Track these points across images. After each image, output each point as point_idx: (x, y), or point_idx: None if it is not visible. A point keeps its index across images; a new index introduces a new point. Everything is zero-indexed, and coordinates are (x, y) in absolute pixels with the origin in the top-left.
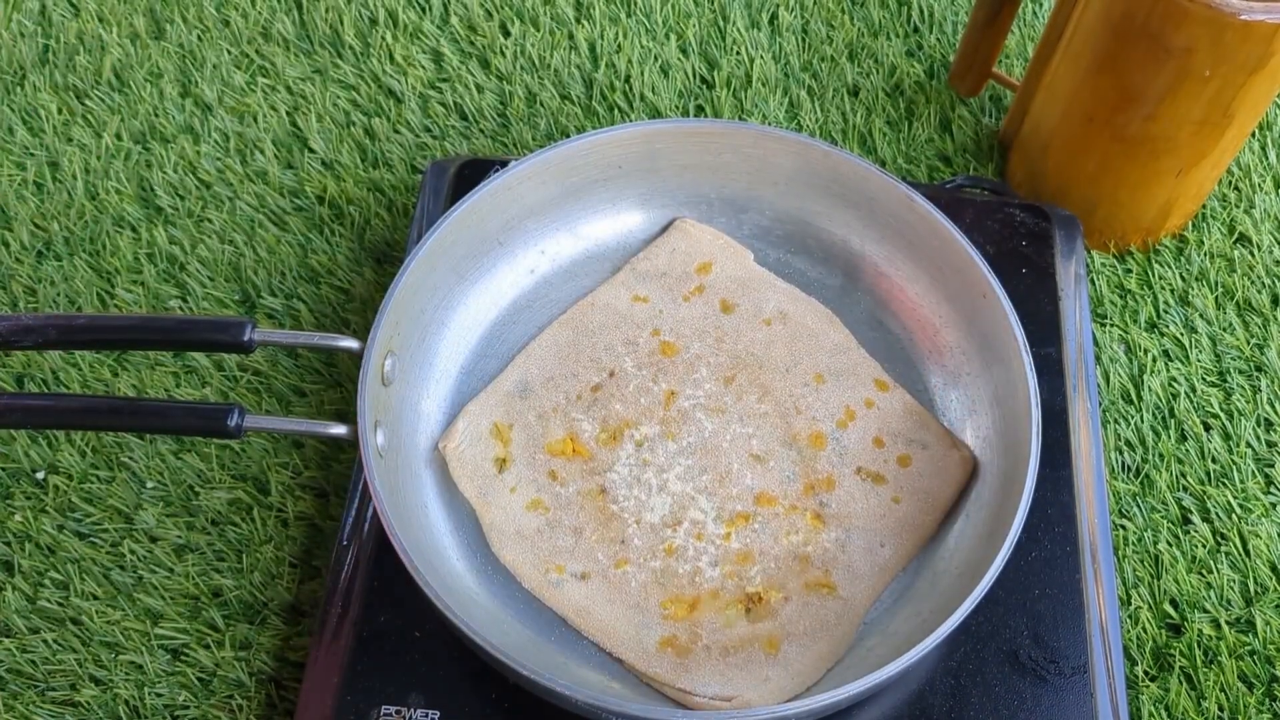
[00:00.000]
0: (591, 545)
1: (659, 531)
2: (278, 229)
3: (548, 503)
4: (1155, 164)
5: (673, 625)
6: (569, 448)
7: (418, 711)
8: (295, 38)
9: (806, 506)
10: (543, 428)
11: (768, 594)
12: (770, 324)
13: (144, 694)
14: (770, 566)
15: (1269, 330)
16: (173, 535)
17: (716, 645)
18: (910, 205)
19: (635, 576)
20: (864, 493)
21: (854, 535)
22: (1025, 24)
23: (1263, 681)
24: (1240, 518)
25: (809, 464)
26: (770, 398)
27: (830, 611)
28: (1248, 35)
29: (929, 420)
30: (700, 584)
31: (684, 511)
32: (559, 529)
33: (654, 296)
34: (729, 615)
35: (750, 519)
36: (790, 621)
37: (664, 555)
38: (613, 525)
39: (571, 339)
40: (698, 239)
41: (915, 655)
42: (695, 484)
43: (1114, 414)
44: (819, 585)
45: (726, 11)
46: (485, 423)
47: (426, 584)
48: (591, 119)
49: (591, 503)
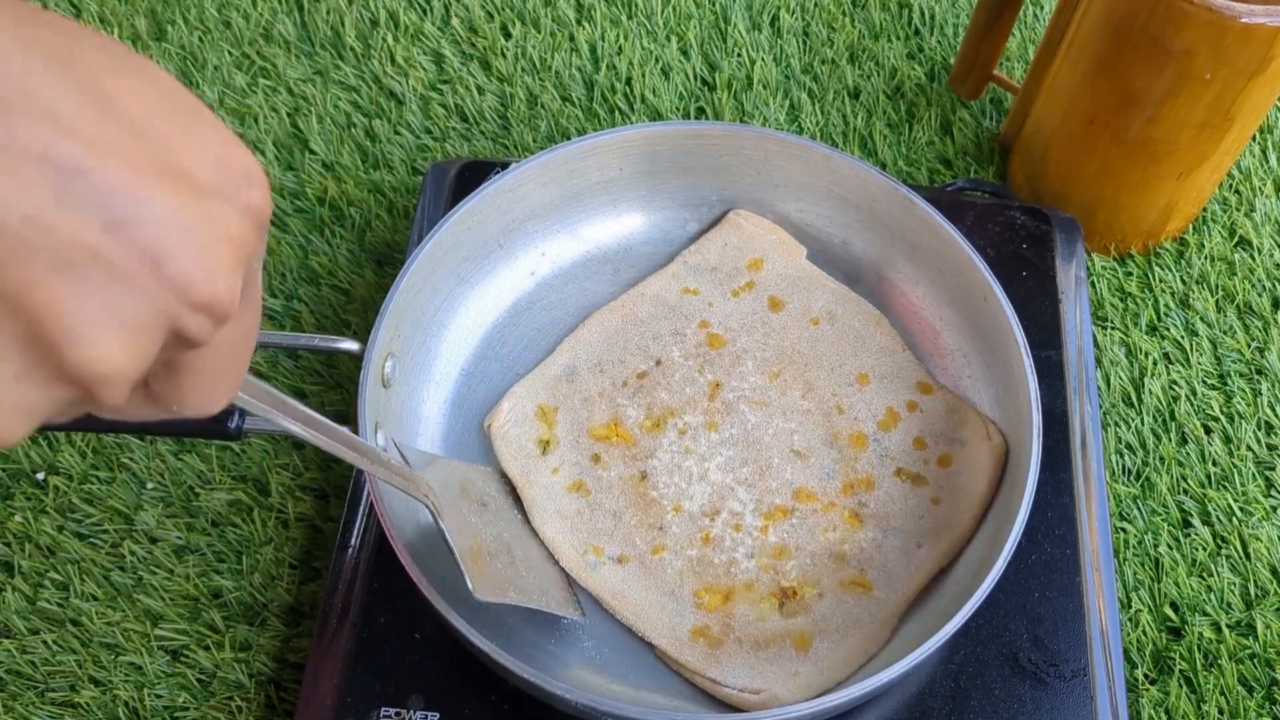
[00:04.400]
0: (630, 530)
1: (697, 520)
2: (278, 230)
3: (589, 485)
4: (1156, 167)
5: (706, 615)
6: (613, 432)
7: (417, 713)
8: (296, 39)
9: (845, 505)
10: (588, 412)
11: (803, 589)
12: (818, 323)
13: (143, 695)
14: (806, 562)
15: (1269, 333)
16: (173, 536)
17: (749, 638)
18: (912, 209)
19: (671, 564)
20: (903, 494)
21: (891, 536)
22: (1026, 27)
23: (1263, 685)
24: (1241, 521)
25: (849, 464)
26: (814, 395)
27: (864, 610)
28: (1248, 38)
29: (968, 414)
30: (736, 575)
31: (723, 502)
32: (599, 512)
33: (704, 289)
34: (763, 609)
35: (789, 514)
36: (824, 619)
37: (700, 544)
38: (652, 511)
39: (620, 327)
40: (750, 234)
41: (915, 659)
42: (735, 475)
43: (1114, 417)
44: (854, 584)
45: (727, 14)
46: (531, 405)
47: (426, 585)
48: (592, 121)
49: (632, 488)
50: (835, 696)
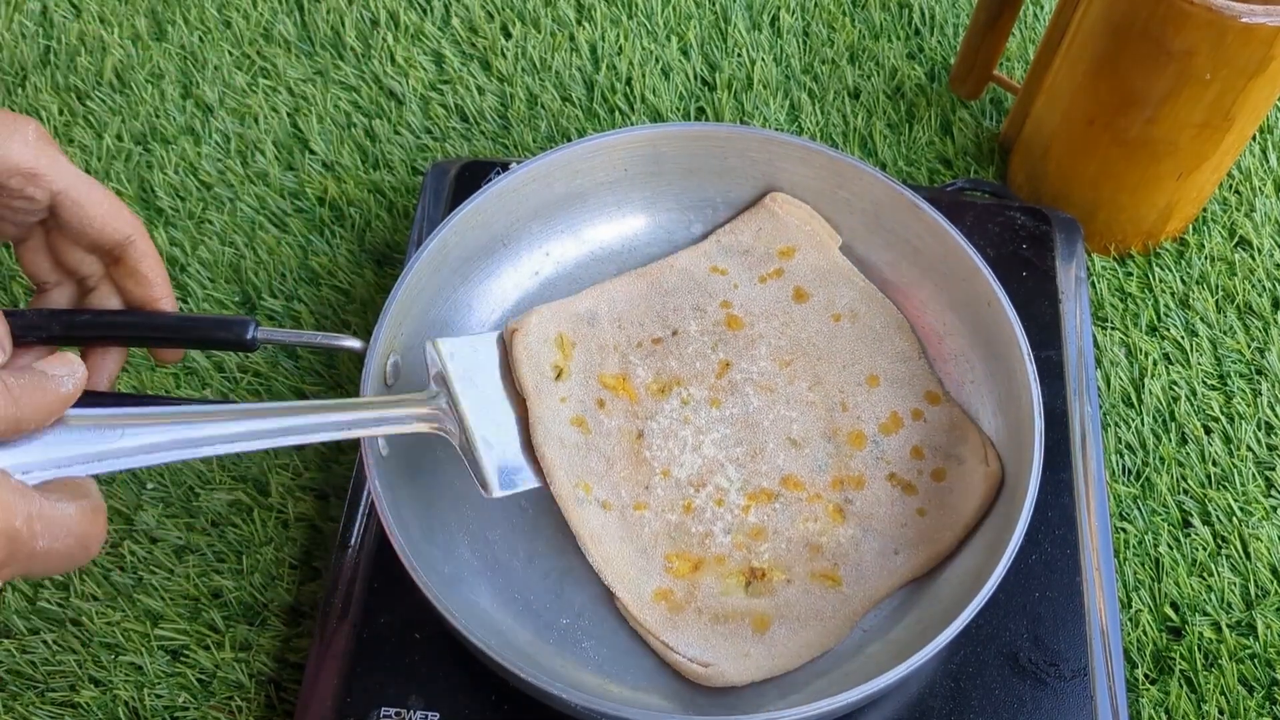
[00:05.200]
0: (618, 480)
1: (682, 488)
2: (278, 230)
3: (590, 425)
4: (1156, 167)
5: (672, 580)
6: (620, 385)
7: (417, 713)
8: (296, 39)
9: (830, 499)
10: (601, 359)
11: (772, 573)
12: (839, 319)
13: (143, 695)
14: (781, 547)
15: (1269, 334)
16: (172, 536)
17: (709, 610)
18: (918, 214)
19: (650, 523)
20: (891, 499)
21: (870, 537)
22: (1026, 27)
23: (1263, 685)
24: (1241, 521)
25: (843, 460)
26: (821, 389)
27: (828, 603)
28: (1248, 38)
29: (969, 432)
30: (709, 547)
31: (711, 476)
32: (594, 453)
33: (733, 270)
34: (728, 584)
35: (773, 498)
36: (787, 605)
37: (681, 511)
38: (641, 469)
39: (645, 291)
40: (785, 221)
41: (915, 663)
42: (728, 453)
43: (1114, 417)
44: (824, 576)
45: (728, 13)
46: (553, 329)
47: (426, 585)
48: (592, 121)
49: (628, 443)
50: (836, 699)
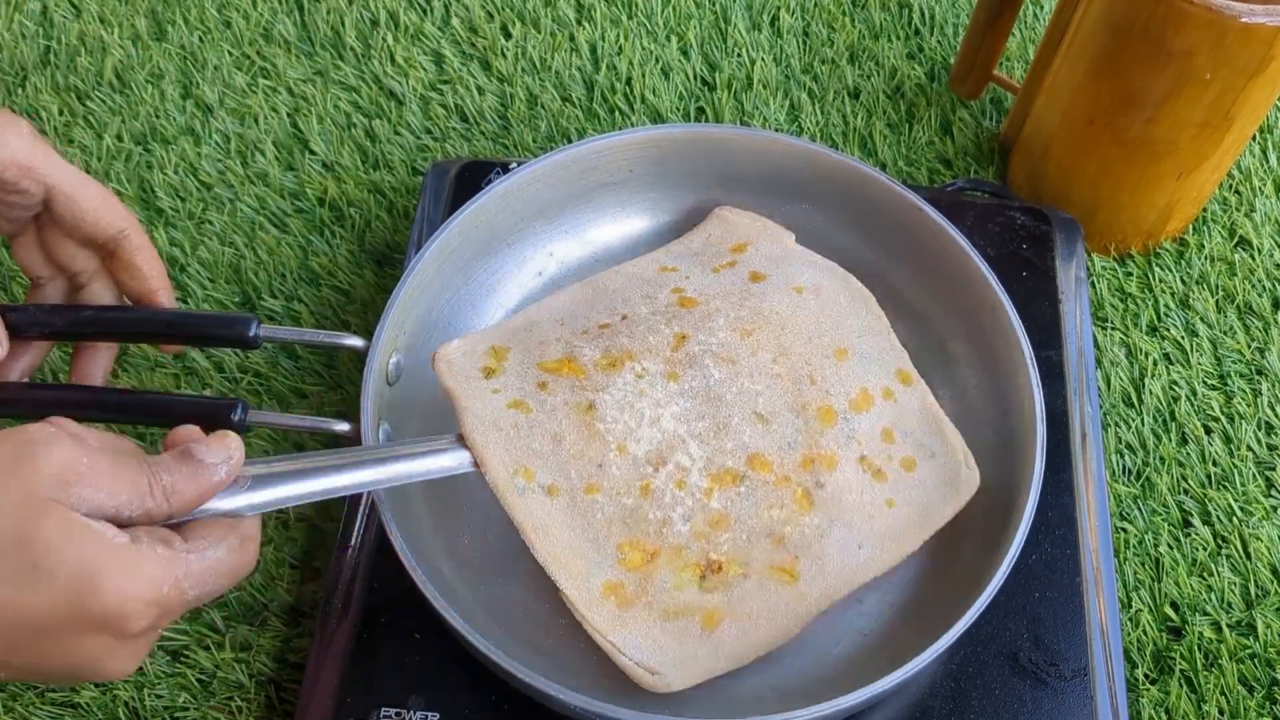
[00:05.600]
0: (567, 459)
1: (640, 467)
2: (278, 231)
3: (532, 405)
4: (1156, 167)
5: (624, 572)
6: (564, 366)
7: (417, 713)
8: (296, 39)
9: (799, 482)
10: (541, 351)
11: (729, 566)
12: (802, 292)
13: (143, 695)
14: (742, 538)
15: (1270, 334)
16: None
17: (659, 605)
18: (920, 216)
19: (603, 508)
20: (860, 485)
21: (836, 528)
22: (1026, 26)
23: (1263, 685)
24: (1241, 521)
25: (814, 437)
26: (786, 360)
27: (783, 601)
28: (1248, 38)
29: (944, 428)
30: (666, 536)
31: (671, 453)
32: (537, 430)
33: (683, 267)
34: (683, 578)
35: (739, 480)
36: (739, 601)
37: (638, 494)
38: (594, 444)
39: (589, 296)
40: (735, 224)
41: (915, 666)
42: (690, 428)
43: (1115, 417)
44: (782, 570)
45: (727, 14)
46: (483, 345)
47: (426, 585)
48: (592, 121)
49: (577, 415)
50: (836, 702)
